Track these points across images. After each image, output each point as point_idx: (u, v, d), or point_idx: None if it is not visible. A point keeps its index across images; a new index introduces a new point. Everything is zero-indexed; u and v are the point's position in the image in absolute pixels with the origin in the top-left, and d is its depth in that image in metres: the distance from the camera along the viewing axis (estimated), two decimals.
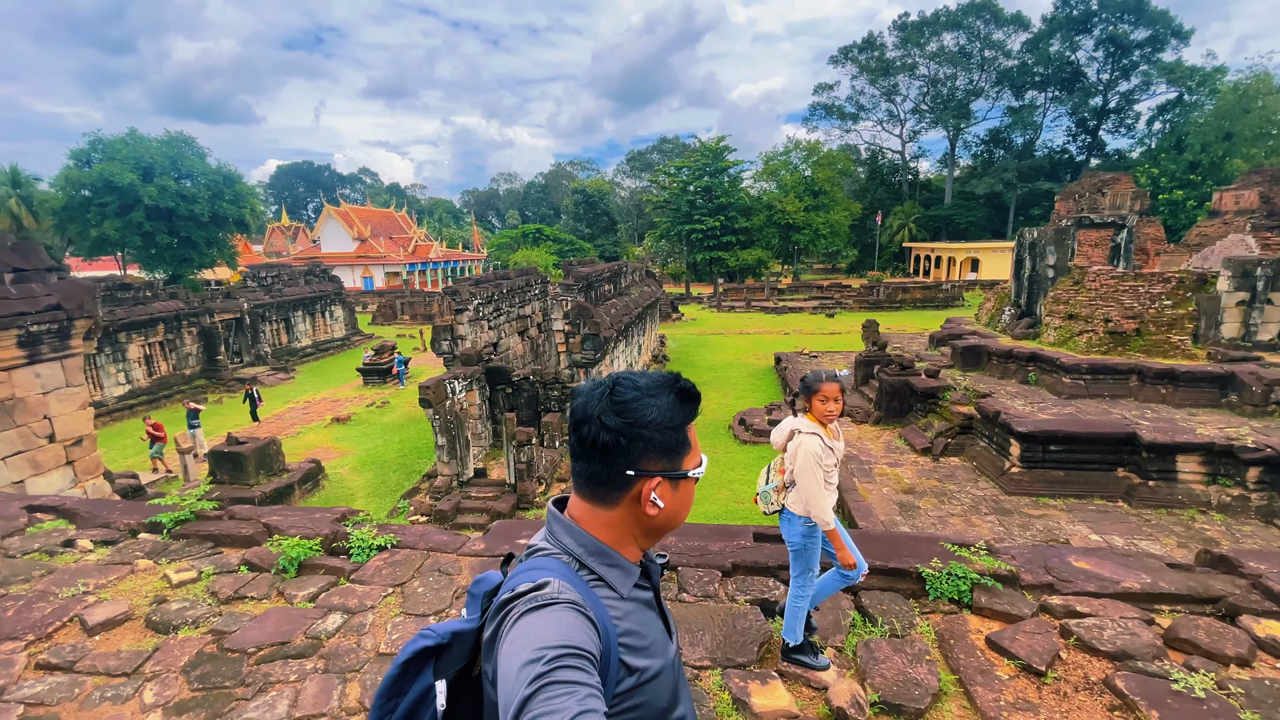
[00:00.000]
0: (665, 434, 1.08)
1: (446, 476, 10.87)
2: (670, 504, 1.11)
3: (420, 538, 3.63)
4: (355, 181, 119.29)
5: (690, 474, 1.12)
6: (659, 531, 1.15)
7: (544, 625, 0.89)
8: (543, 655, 0.83)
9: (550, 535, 1.13)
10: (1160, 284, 11.06)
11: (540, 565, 1.06)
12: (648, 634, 1.09)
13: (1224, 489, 8.79)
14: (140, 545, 3.80)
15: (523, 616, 0.92)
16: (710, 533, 4.02)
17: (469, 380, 11.73)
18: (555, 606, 0.92)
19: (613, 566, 1.10)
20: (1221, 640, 2.81)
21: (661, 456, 1.08)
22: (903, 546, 3.63)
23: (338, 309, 27.31)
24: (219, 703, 2.66)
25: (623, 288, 17.67)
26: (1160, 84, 48.47)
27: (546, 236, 64.40)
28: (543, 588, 0.96)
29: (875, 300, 38.03)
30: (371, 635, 3.07)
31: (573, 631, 0.89)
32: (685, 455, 1.11)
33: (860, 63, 56.46)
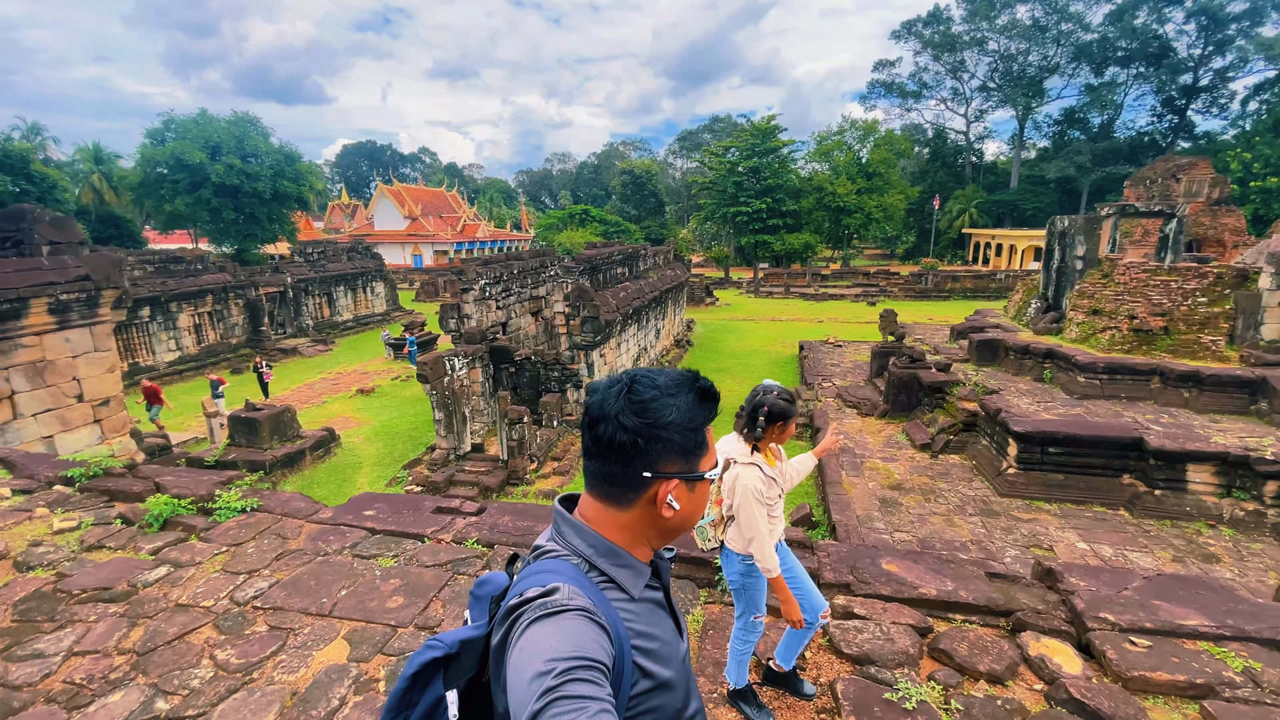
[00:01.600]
0: (684, 435, 1.05)
1: (444, 450, 11.29)
2: (686, 506, 1.09)
3: (281, 504, 3.87)
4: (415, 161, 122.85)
5: (707, 475, 1.10)
6: (673, 533, 1.12)
7: (554, 634, 0.87)
8: (553, 668, 0.80)
9: (558, 535, 1.11)
10: (1195, 279, 10.21)
11: (549, 568, 1.03)
12: (660, 635, 1.08)
13: (1238, 503, 8.17)
14: (48, 496, 4.25)
15: (532, 624, 0.90)
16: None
17: (471, 358, 12.06)
18: (566, 614, 0.90)
19: (624, 567, 1.07)
20: (981, 655, 2.74)
21: (680, 458, 1.06)
22: None
23: (379, 285, 28.37)
24: (24, 633, 3.05)
25: (640, 271, 17.65)
26: (1259, 60, 44.07)
27: (593, 218, 64.64)
28: (552, 594, 0.93)
29: (922, 289, 36.57)
30: (182, 588, 3.39)
31: (584, 641, 0.86)
32: (703, 456, 1.09)
33: (924, 38, 53.63)
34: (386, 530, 3.62)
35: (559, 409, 12.46)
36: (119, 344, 17.18)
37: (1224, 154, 44.26)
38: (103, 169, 38.28)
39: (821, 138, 54.96)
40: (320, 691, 2.64)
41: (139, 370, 17.61)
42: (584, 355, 12.41)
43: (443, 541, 3.54)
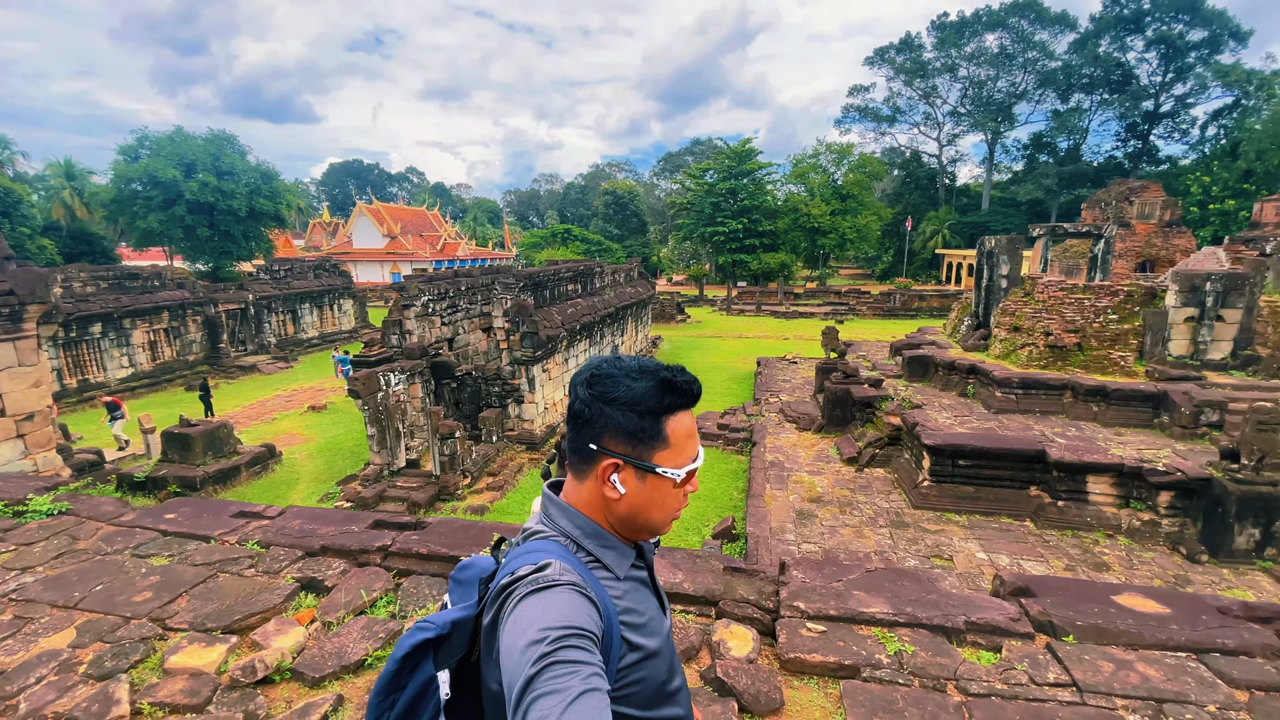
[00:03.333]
0: (629, 417, 1.06)
1: (377, 465, 11.33)
2: (633, 495, 1.08)
3: (91, 508, 3.98)
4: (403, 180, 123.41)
5: (659, 470, 1.07)
6: (629, 524, 1.12)
7: (547, 606, 0.90)
8: (546, 635, 0.83)
9: (546, 518, 1.14)
10: (1107, 297, 10.55)
11: (538, 548, 1.06)
12: (645, 611, 1.11)
13: (1135, 513, 8.40)
14: None
15: (525, 598, 0.92)
16: None
17: (410, 373, 12.17)
18: (557, 588, 0.93)
19: (609, 548, 1.10)
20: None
21: (625, 439, 1.07)
22: (469, 532, 3.75)
23: (346, 302, 28.44)
24: None
25: (595, 288, 17.88)
26: (1216, 87, 45.63)
27: (575, 237, 65.15)
28: (543, 569, 0.96)
29: (890, 308, 37.13)
30: None
31: (575, 612, 0.89)
32: (656, 448, 1.07)
33: (896, 64, 55.04)
34: (179, 532, 3.73)
35: (499, 424, 12.56)
36: (68, 360, 17.12)
37: (1185, 177, 45.55)
38: (75, 185, 38.20)
39: (797, 160, 55.96)
40: (24, 671, 2.82)
41: (90, 387, 17.51)
42: (525, 370, 12.54)
43: (227, 543, 3.66)
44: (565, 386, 14.83)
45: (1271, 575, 7.58)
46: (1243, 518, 7.64)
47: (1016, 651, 2.86)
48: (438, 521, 3.78)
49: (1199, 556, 7.82)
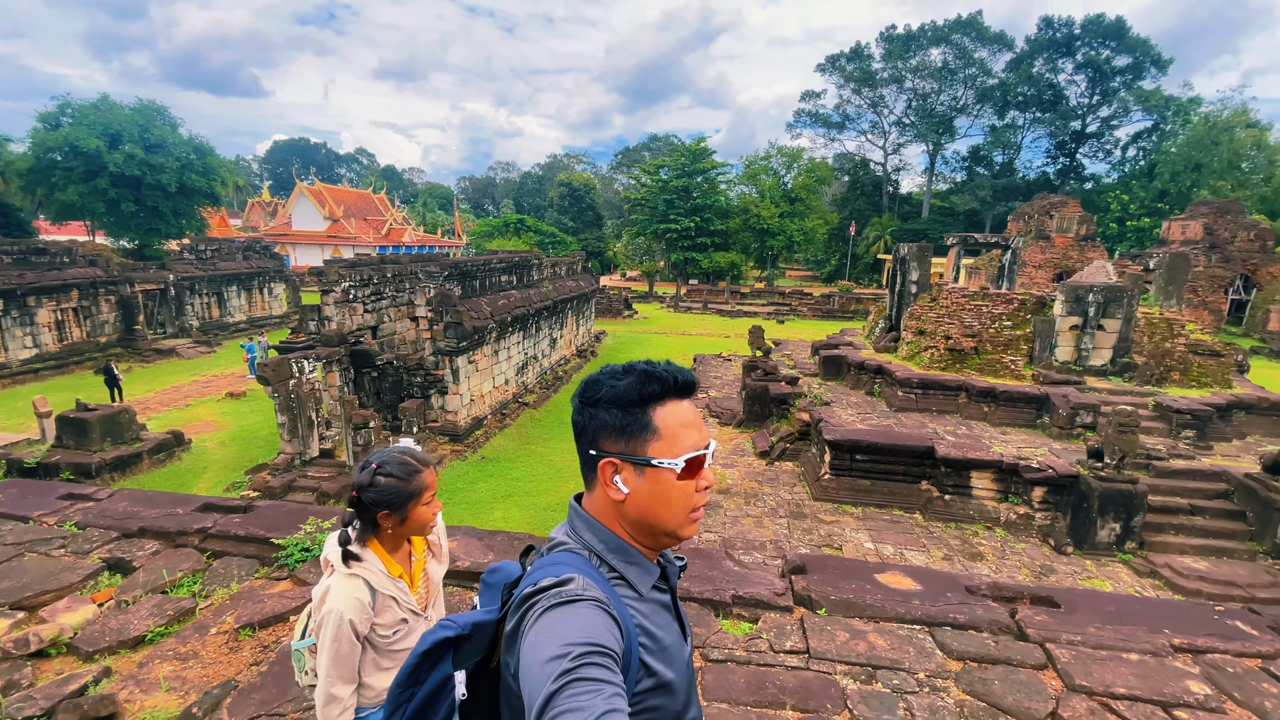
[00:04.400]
0: (614, 414, 1.05)
1: (288, 455, 11.06)
2: (636, 493, 1.06)
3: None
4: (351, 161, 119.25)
5: (655, 462, 1.04)
6: (643, 529, 1.09)
7: (569, 621, 0.88)
8: (569, 652, 0.82)
9: (571, 530, 1.12)
10: (1003, 304, 11.25)
11: (562, 560, 1.05)
12: (665, 636, 1.08)
13: (1013, 506, 9.01)
14: None
15: (548, 611, 0.91)
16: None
17: (328, 361, 11.91)
18: (581, 603, 0.91)
19: (633, 565, 1.08)
20: None
21: (617, 437, 1.06)
22: (293, 515, 3.81)
23: (278, 286, 27.45)
24: None
25: (532, 280, 17.82)
26: (1137, 111, 48.63)
27: (528, 227, 64.47)
28: (567, 583, 0.95)
29: (829, 309, 38.26)
30: None
31: (597, 629, 0.88)
32: (648, 440, 1.05)
33: (846, 72, 56.48)
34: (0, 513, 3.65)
35: (421, 415, 12.42)
36: None
37: (1106, 195, 48.42)
38: None
39: (750, 161, 56.94)
40: None
41: None
42: (449, 361, 12.44)
43: (45, 524, 3.61)
44: (495, 378, 14.77)
45: (1129, 567, 8.27)
46: (1105, 513, 8.29)
47: (771, 623, 3.12)
48: (266, 505, 3.80)
49: (1065, 548, 8.45)
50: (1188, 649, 2.92)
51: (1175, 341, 10.76)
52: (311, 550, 3.40)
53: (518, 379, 16.10)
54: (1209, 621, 3.14)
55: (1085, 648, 2.93)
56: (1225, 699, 2.72)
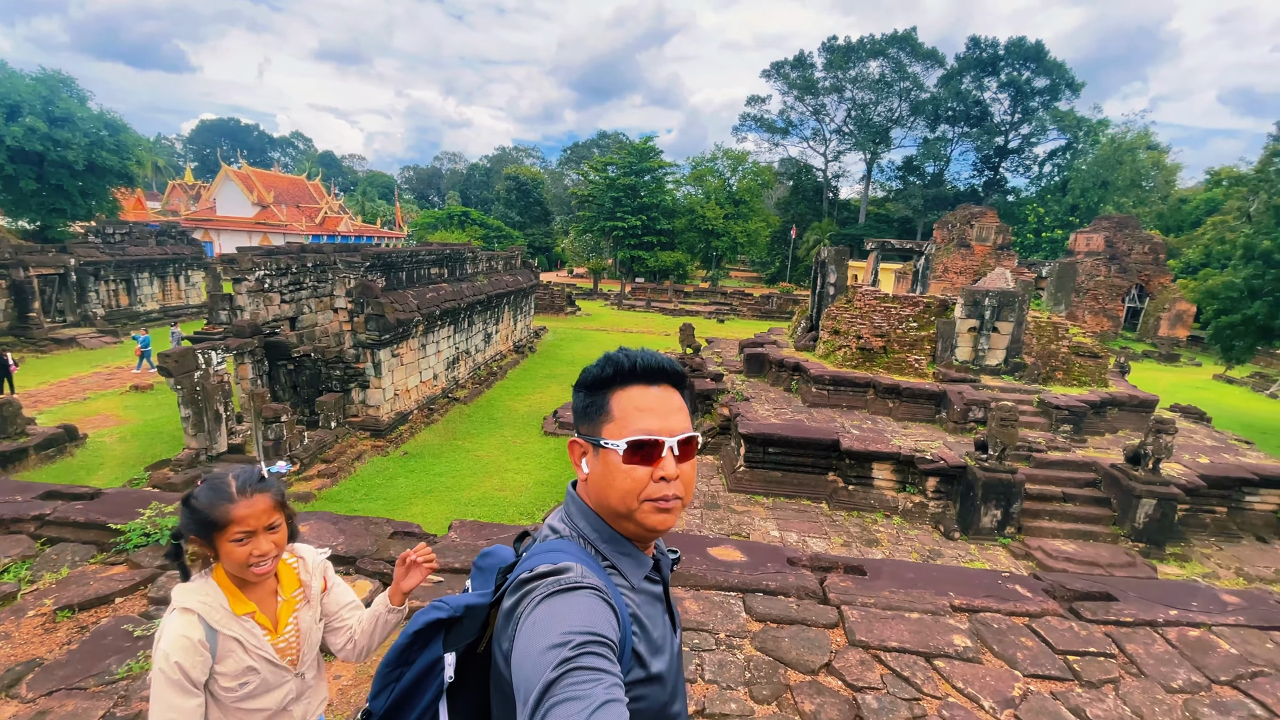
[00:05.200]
0: (579, 395, 1.11)
1: (192, 450, 10.61)
2: (593, 473, 1.07)
3: None
4: (287, 145, 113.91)
5: (602, 443, 1.05)
6: (604, 509, 1.08)
7: (569, 609, 0.88)
8: (569, 640, 0.81)
9: (567, 517, 1.12)
10: (910, 307, 11.95)
11: (559, 547, 1.04)
12: (656, 627, 1.08)
13: (910, 495, 9.60)
14: None
15: (546, 599, 0.90)
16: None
17: (239, 352, 11.47)
18: (579, 591, 0.91)
19: (625, 555, 1.08)
20: None
21: (582, 419, 1.10)
22: (136, 501, 3.78)
23: (196, 274, 26.07)
24: None
25: (466, 274, 17.60)
26: (1053, 130, 51.95)
27: (473, 220, 63.41)
28: (564, 572, 0.94)
29: (769, 309, 39.26)
30: None
31: (596, 618, 0.87)
32: (603, 421, 1.06)
33: (790, 79, 58.02)
34: None
35: (340, 409, 12.13)
36: None
37: (1025, 208, 51.56)
38: None
39: (696, 162, 57.78)
40: None
41: None
42: (370, 354, 12.19)
43: None
44: (422, 373, 14.54)
45: (1008, 550, 8.94)
46: (988, 500, 8.95)
47: None
48: (116, 492, 3.73)
49: (953, 534, 9.08)
50: (965, 608, 3.29)
51: (1060, 344, 11.71)
52: (153, 535, 3.35)
53: (448, 374, 15.89)
54: (994, 586, 3.53)
55: (875, 609, 3.26)
56: (984, 650, 3.08)
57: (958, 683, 2.90)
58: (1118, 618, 3.46)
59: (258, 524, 1.55)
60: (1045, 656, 3.14)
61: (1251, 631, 3.52)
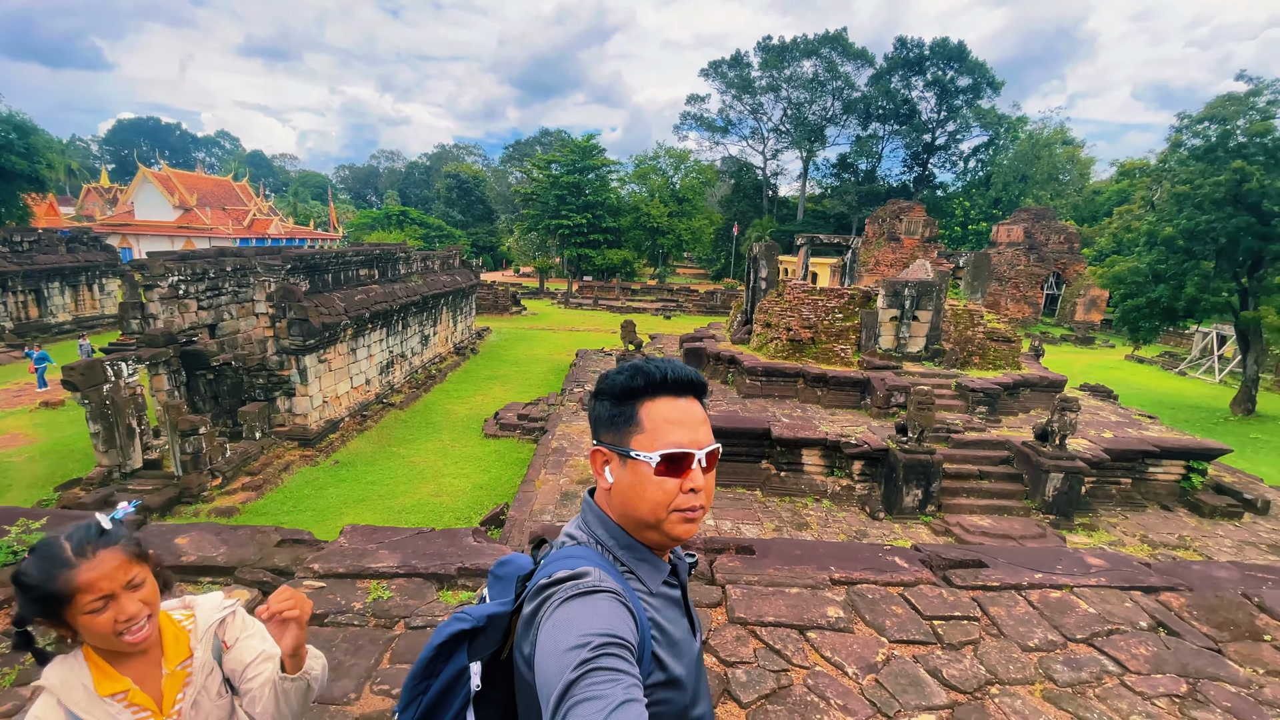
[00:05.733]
0: (603, 404, 1.10)
1: (104, 467, 10.04)
2: (619, 483, 1.08)
3: None
4: (212, 145, 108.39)
5: (634, 454, 1.05)
6: (627, 520, 1.09)
7: (587, 613, 0.89)
8: (588, 642, 0.82)
9: (584, 524, 1.14)
10: (835, 299, 12.41)
11: (576, 554, 1.06)
12: (675, 631, 1.09)
13: (837, 479, 9.98)
14: None
15: (565, 603, 0.91)
16: None
17: (153, 362, 10.90)
18: (597, 595, 0.92)
19: (643, 561, 1.09)
20: None
21: (608, 428, 1.09)
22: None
23: (111, 282, 24.53)
24: None
25: (399, 275, 17.19)
26: (976, 127, 54.57)
27: (413, 220, 61.90)
28: (582, 576, 0.96)
29: (713, 305, 39.85)
30: None
31: (615, 621, 0.88)
32: (632, 433, 1.07)
33: (727, 79, 58.91)
34: None
35: (265, 419, 11.68)
36: None
37: (951, 202, 54.04)
38: None
39: (639, 160, 58.05)
40: None
41: None
42: (295, 361, 11.78)
43: None
44: (353, 378, 14.15)
45: (929, 527, 9.41)
46: (909, 481, 9.39)
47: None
48: None
49: (878, 514, 9.49)
50: (844, 581, 3.51)
51: (975, 330, 12.40)
52: (19, 552, 3.19)
53: (382, 378, 15.51)
54: (874, 559, 3.77)
55: (759, 586, 3.44)
56: (857, 620, 3.30)
57: (826, 652, 3.08)
58: (985, 583, 3.74)
59: (113, 585, 1.29)
60: (913, 623, 3.37)
61: (1111, 592, 3.85)
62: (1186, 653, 3.39)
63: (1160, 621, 3.66)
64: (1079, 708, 3.01)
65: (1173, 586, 3.86)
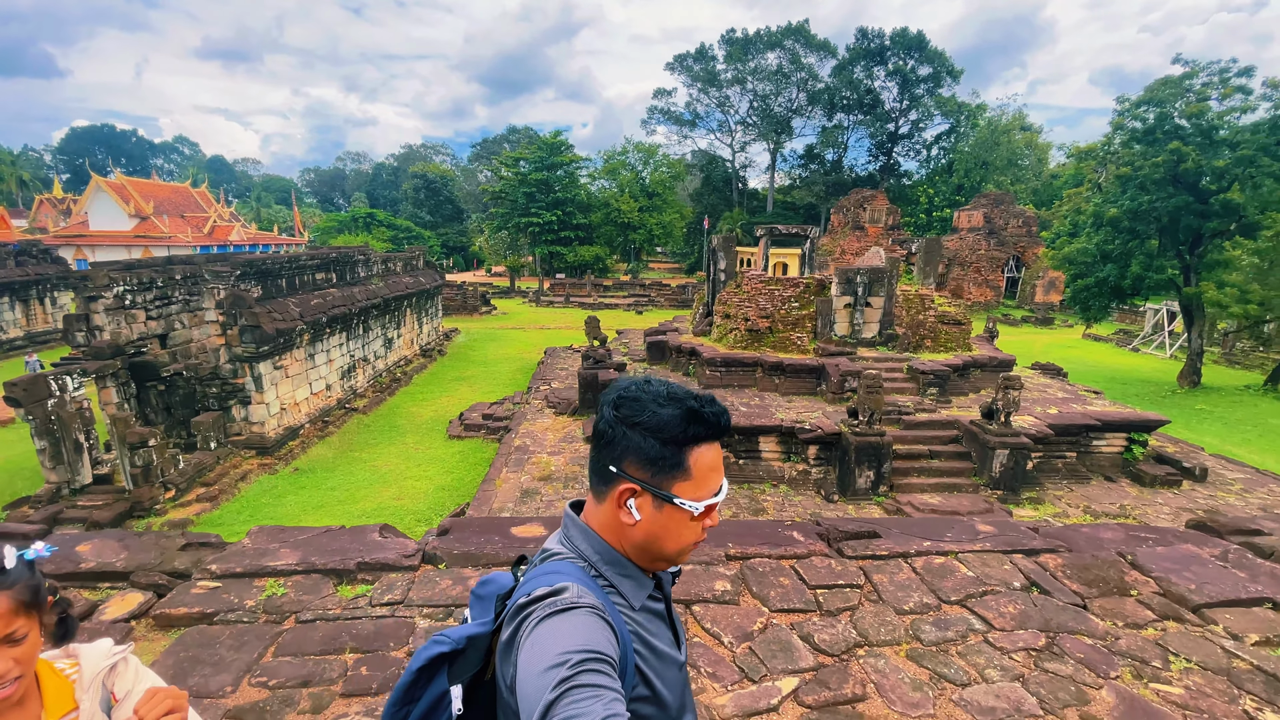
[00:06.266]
0: (651, 442, 1.02)
1: (53, 484, 9.82)
2: (649, 523, 1.04)
3: None
4: (170, 151, 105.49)
5: (677, 500, 1.02)
6: (644, 552, 1.07)
7: (566, 630, 0.87)
8: (567, 659, 0.81)
9: (566, 539, 1.11)
10: (791, 288, 12.61)
11: (556, 569, 1.03)
12: (660, 646, 1.07)
13: (794, 465, 10.16)
14: None
15: (544, 620, 0.90)
16: None
17: (101, 375, 10.66)
18: (576, 611, 0.90)
19: (627, 577, 1.07)
20: None
21: (645, 465, 1.02)
22: None
23: (64, 296, 23.85)
24: None
25: (359, 278, 17.00)
26: (938, 116, 55.46)
27: (380, 222, 61.09)
28: (561, 593, 0.94)
29: (685, 299, 39.98)
30: None
31: (594, 636, 0.87)
32: (676, 478, 1.02)
33: (693, 72, 59.03)
34: None
35: (220, 428, 11.51)
36: None
37: (916, 189, 54.91)
38: None
39: (609, 156, 57.91)
40: None
41: None
42: (249, 368, 11.61)
43: None
44: (312, 384, 13.98)
45: (881, 507, 9.64)
46: (861, 463, 9.60)
47: (387, 582, 3.48)
48: None
49: (832, 497, 9.70)
50: (738, 556, 3.64)
51: (926, 314, 12.69)
52: None
53: (344, 383, 15.35)
54: (773, 534, 3.91)
55: None
56: (744, 592, 3.42)
57: (707, 624, 3.19)
58: (875, 552, 3.91)
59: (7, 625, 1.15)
60: (796, 592, 3.50)
61: (994, 555, 4.04)
62: (1052, 609, 3.57)
63: (1034, 581, 3.84)
64: (938, 664, 3.16)
65: (1053, 549, 4.07)
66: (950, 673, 3.10)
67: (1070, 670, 3.11)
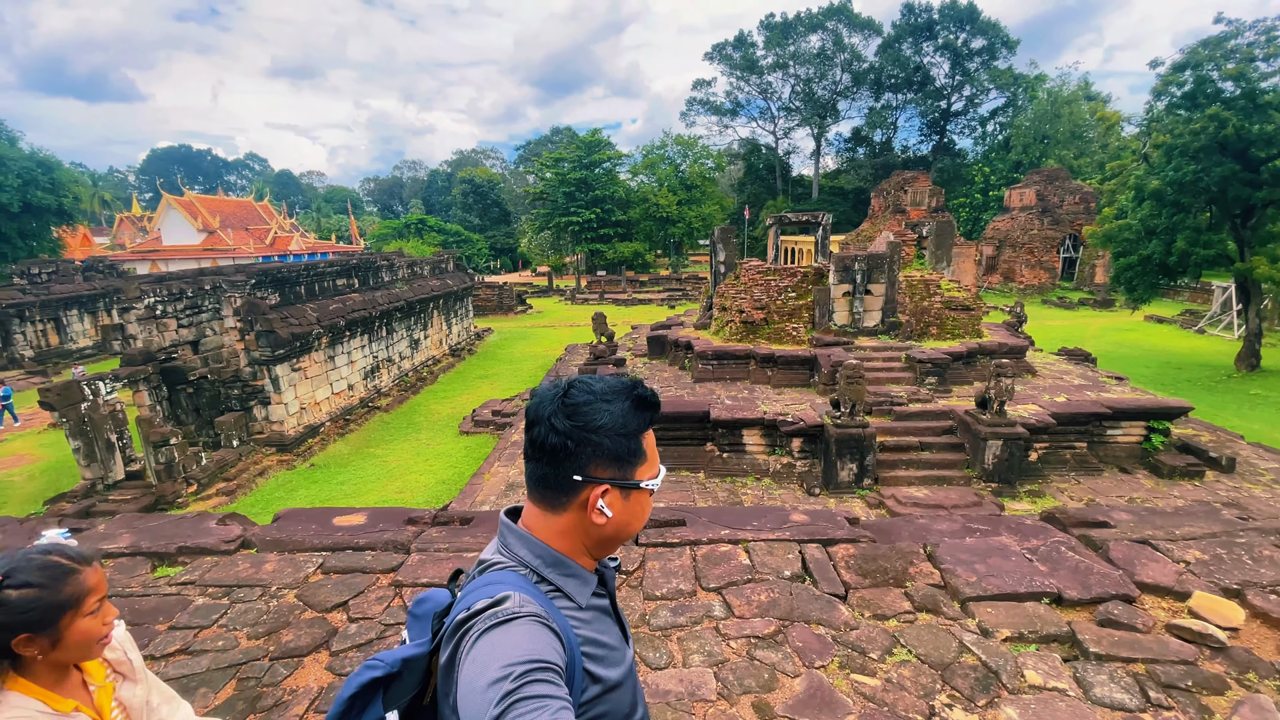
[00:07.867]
0: (616, 440, 1.03)
1: (87, 481, 10.79)
2: (620, 514, 1.05)
3: None
4: (242, 168, 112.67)
5: (643, 485, 1.06)
6: (609, 543, 1.09)
7: (509, 641, 0.85)
8: (510, 672, 0.79)
9: (504, 547, 1.08)
10: (787, 278, 12.31)
11: (496, 580, 1.01)
12: (608, 641, 1.07)
13: (779, 458, 9.98)
14: None
15: (485, 634, 0.87)
16: None
17: (133, 380, 11.62)
18: (518, 620, 0.88)
19: (571, 577, 1.06)
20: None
21: (611, 464, 1.03)
22: None
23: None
24: None
25: (383, 282, 17.76)
26: (993, 90, 52.50)
27: (431, 227, 63.26)
28: (502, 603, 0.91)
29: None
30: None
31: (538, 645, 0.85)
32: (638, 465, 1.06)
33: (732, 60, 58.12)
34: None
35: (242, 428, 12.32)
36: None
37: (971, 168, 52.20)
38: None
39: (647, 150, 57.85)
40: None
41: None
42: (267, 371, 12.38)
43: None
44: (333, 384, 14.74)
45: (864, 501, 9.34)
46: (843, 455, 9.34)
47: (200, 564, 3.70)
48: None
49: (814, 490, 9.47)
50: None
51: (932, 300, 12.12)
52: None
53: (367, 383, 16.09)
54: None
55: (444, 550, 3.63)
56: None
57: None
58: (666, 540, 3.89)
59: (102, 590, 1.38)
60: None
61: (786, 544, 3.94)
62: (805, 598, 3.48)
63: (808, 571, 3.75)
64: (647, 648, 3.15)
65: (854, 539, 3.98)
66: (654, 657, 3.10)
67: (777, 658, 3.05)
